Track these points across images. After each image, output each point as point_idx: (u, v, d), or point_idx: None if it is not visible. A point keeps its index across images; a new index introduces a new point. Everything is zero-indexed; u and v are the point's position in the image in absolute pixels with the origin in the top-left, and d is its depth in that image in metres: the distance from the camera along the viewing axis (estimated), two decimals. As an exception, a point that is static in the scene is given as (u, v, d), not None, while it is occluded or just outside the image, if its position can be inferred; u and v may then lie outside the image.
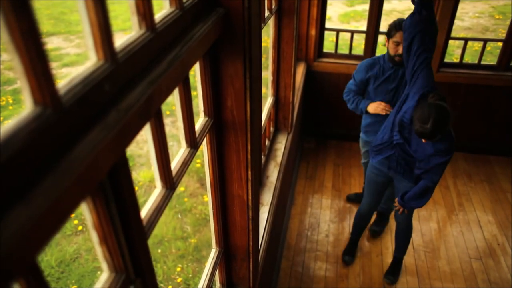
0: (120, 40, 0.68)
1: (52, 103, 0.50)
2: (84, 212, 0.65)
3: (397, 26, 2.42)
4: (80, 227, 3.74)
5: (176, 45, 0.82)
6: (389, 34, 2.49)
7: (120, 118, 0.59)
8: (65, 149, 0.51)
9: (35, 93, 0.48)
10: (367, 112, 2.72)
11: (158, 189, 0.91)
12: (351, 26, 8.97)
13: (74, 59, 7.52)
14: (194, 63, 0.93)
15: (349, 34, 4.01)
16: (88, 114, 0.56)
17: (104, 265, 0.72)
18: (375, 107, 2.63)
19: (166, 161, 0.90)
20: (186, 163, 1.01)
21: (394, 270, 2.90)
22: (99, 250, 0.69)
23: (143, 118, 0.67)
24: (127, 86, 0.66)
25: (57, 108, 0.50)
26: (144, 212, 0.85)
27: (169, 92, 0.79)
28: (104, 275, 0.72)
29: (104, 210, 0.65)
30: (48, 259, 3.41)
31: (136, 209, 0.74)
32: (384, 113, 2.60)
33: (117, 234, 0.69)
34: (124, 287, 0.75)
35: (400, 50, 2.43)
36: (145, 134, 0.84)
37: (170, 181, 0.92)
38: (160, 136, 0.85)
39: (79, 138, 0.53)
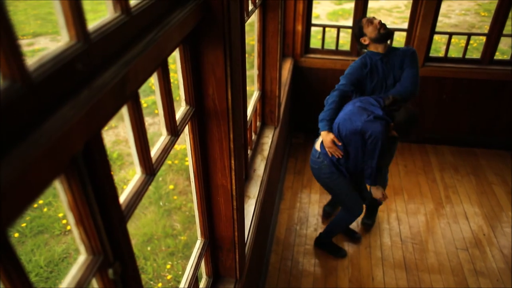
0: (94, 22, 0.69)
1: (21, 78, 0.50)
2: (60, 193, 0.65)
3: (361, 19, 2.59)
4: (68, 227, 3.70)
5: (152, 29, 0.83)
6: (361, 30, 2.56)
7: (93, 96, 0.60)
8: (34, 123, 0.51)
9: (3, 67, 0.48)
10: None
11: (137, 175, 0.91)
12: (340, 24, 9.00)
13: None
14: (173, 48, 0.93)
15: (336, 32, 4.03)
16: (59, 91, 0.57)
17: (81, 248, 0.72)
18: (328, 141, 2.48)
19: (145, 146, 0.90)
20: (166, 150, 1.02)
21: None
22: (75, 232, 0.69)
23: (118, 98, 0.68)
24: (101, 66, 0.66)
25: (26, 83, 0.50)
26: (124, 196, 0.85)
27: (146, 74, 0.79)
28: (81, 258, 0.72)
29: (79, 190, 0.65)
30: (37, 259, 3.38)
31: (113, 191, 0.74)
32: (330, 155, 2.52)
33: (94, 215, 0.70)
34: (102, 269, 0.75)
35: (376, 21, 2.51)
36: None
37: (149, 167, 0.93)
38: (138, 121, 0.85)
39: (50, 113, 0.53)
